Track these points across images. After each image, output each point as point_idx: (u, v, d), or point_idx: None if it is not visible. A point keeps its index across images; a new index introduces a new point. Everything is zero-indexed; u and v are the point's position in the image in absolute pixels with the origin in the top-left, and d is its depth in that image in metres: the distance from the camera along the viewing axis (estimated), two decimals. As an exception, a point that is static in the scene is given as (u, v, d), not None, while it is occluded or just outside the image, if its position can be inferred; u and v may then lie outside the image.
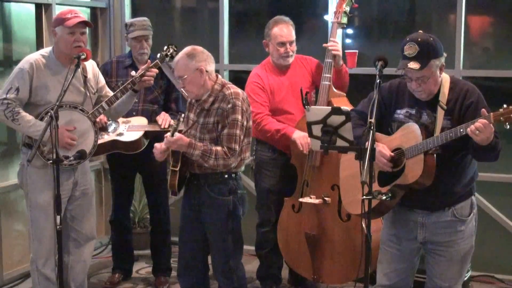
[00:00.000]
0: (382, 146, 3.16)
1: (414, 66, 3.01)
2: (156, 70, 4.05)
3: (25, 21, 5.12)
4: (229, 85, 3.66)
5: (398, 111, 3.25)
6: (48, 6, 5.04)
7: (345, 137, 3.00)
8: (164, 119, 4.50)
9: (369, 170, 2.83)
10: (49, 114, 3.40)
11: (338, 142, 3.01)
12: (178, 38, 5.83)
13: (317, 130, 3.06)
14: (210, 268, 3.88)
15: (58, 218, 3.35)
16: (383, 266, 3.39)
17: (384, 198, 3.06)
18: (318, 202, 4.21)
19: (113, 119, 4.40)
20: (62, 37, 3.75)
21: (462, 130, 2.93)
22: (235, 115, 3.54)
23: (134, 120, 4.53)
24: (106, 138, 4.43)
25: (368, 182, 2.83)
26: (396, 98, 3.27)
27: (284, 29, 4.30)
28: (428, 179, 3.07)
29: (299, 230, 4.34)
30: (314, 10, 5.35)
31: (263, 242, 4.53)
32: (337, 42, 4.30)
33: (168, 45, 4.20)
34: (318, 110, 3.08)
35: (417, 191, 3.13)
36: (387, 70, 3.17)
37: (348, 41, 5.19)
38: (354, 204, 3.29)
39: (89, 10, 5.61)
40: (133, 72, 4.13)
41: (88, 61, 3.84)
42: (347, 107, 3.03)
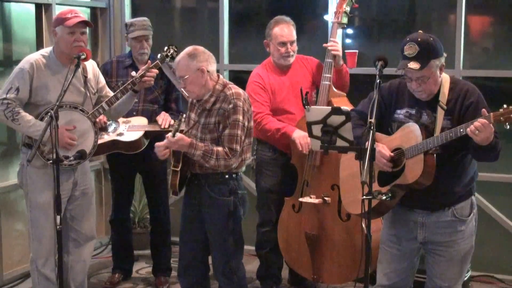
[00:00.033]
0: (382, 146, 3.16)
1: (414, 66, 3.01)
2: (156, 71, 4.05)
3: (25, 21, 5.12)
4: (230, 85, 3.65)
5: (398, 111, 3.25)
6: (48, 6, 5.04)
7: (345, 137, 3.00)
8: (164, 119, 4.50)
9: (369, 170, 2.83)
10: (49, 114, 3.40)
11: (338, 142, 3.01)
12: (178, 38, 5.83)
13: (317, 130, 3.05)
14: (211, 268, 3.88)
15: (58, 218, 3.35)
16: (383, 266, 3.39)
17: (384, 198, 3.06)
18: (318, 202, 4.21)
19: (113, 119, 4.39)
20: (62, 37, 3.75)
21: (462, 130, 2.93)
22: (236, 116, 3.54)
23: (134, 120, 4.53)
24: (106, 138, 4.43)
25: (368, 182, 2.83)
26: (396, 98, 3.27)
27: (285, 29, 4.30)
28: (428, 179, 3.07)
29: (299, 230, 4.34)
30: (314, 10, 5.34)
31: (263, 242, 4.53)
32: (337, 42, 4.30)
33: (168, 45, 4.20)
34: (318, 110, 3.07)
35: (417, 191, 3.13)
36: (387, 70, 3.18)
37: (348, 41, 5.19)
38: (354, 204, 3.29)
39: (89, 10, 5.60)
40: (133, 72, 4.13)
41: (88, 61, 3.84)
42: (347, 107, 3.03)
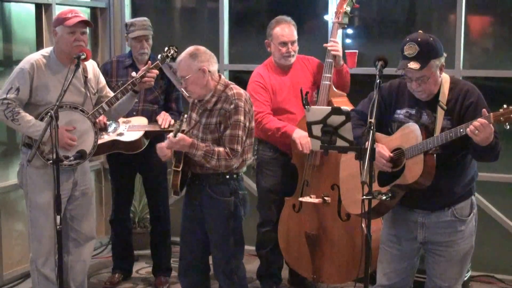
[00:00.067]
0: (381, 146, 3.16)
1: (414, 66, 3.01)
2: (156, 71, 4.05)
3: (25, 21, 5.12)
4: (232, 85, 3.64)
5: (398, 111, 3.25)
6: (48, 6, 5.04)
7: (345, 137, 2.99)
8: (164, 119, 4.50)
9: (369, 170, 2.83)
10: (49, 114, 3.40)
11: (338, 142, 3.01)
12: (178, 38, 5.83)
13: (317, 130, 3.05)
14: (211, 268, 3.88)
15: (58, 218, 3.35)
16: (383, 266, 3.39)
17: (384, 198, 3.05)
18: (317, 201, 4.21)
19: (113, 120, 4.40)
20: (63, 36, 3.75)
21: (462, 130, 2.93)
22: (238, 116, 3.53)
23: (134, 120, 4.53)
24: (106, 138, 4.43)
25: (368, 182, 2.83)
26: (396, 98, 3.27)
27: (286, 29, 4.30)
28: (428, 179, 3.07)
29: (300, 230, 4.34)
30: (314, 10, 5.34)
31: (264, 241, 4.53)
32: (337, 42, 4.30)
33: (169, 46, 4.20)
34: (318, 110, 3.07)
35: (417, 191, 3.13)
36: (387, 70, 3.18)
37: (348, 41, 5.18)
38: (354, 204, 3.29)
39: (89, 10, 5.60)
40: (133, 73, 4.13)
41: (88, 61, 3.84)
42: (347, 107, 3.02)
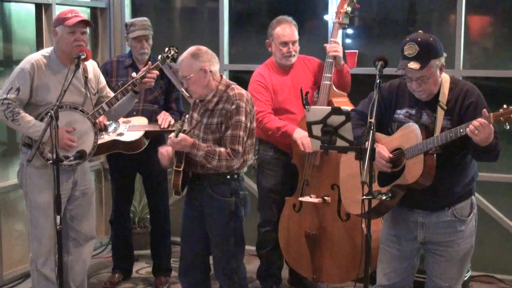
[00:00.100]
0: (381, 147, 3.16)
1: (414, 66, 3.01)
2: (157, 72, 4.05)
3: (25, 21, 5.12)
4: (233, 85, 3.64)
5: (398, 111, 3.25)
6: (48, 6, 5.04)
7: (345, 137, 2.99)
8: (164, 119, 4.50)
9: (369, 170, 2.83)
10: (49, 114, 3.40)
11: (338, 142, 3.01)
12: (178, 38, 5.83)
13: (317, 130, 3.05)
14: (212, 268, 3.88)
15: (58, 218, 3.35)
16: (383, 266, 3.39)
17: (384, 198, 3.06)
18: (317, 201, 4.21)
19: (113, 120, 4.40)
20: (63, 36, 3.75)
21: (462, 130, 2.93)
22: (239, 117, 3.53)
23: (134, 120, 4.53)
24: (107, 138, 4.43)
25: (368, 182, 2.83)
26: (396, 98, 3.27)
27: (286, 29, 4.31)
28: (428, 179, 3.07)
29: (300, 230, 4.34)
30: (314, 10, 5.34)
31: (264, 241, 4.53)
32: (338, 43, 4.30)
33: (169, 46, 4.21)
34: (318, 110, 3.07)
35: (417, 191, 3.13)
36: (387, 70, 3.18)
37: (348, 41, 5.18)
38: (354, 204, 3.29)
39: (89, 10, 5.60)
40: (134, 73, 4.13)
41: (88, 61, 3.84)
42: (347, 107, 3.02)
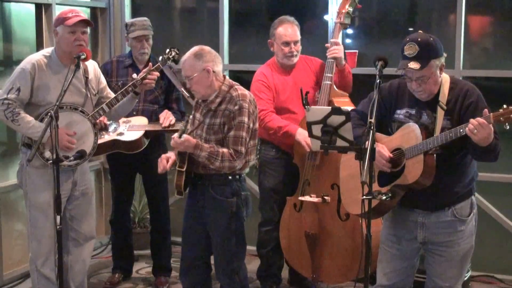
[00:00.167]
0: (381, 146, 3.16)
1: (414, 66, 3.01)
2: (157, 73, 4.05)
3: (25, 21, 5.12)
4: (236, 86, 3.63)
5: (398, 111, 3.25)
6: (48, 6, 5.04)
7: (345, 137, 3.00)
8: (165, 117, 4.50)
9: (369, 170, 2.83)
10: (49, 114, 3.40)
11: (338, 142, 3.01)
12: (178, 38, 5.83)
13: (317, 130, 3.05)
14: (213, 268, 3.88)
15: (58, 218, 3.35)
16: (383, 266, 3.39)
17: (384, 198, 3.06)
18: (317, 200, 4.22)
19: (113, 121, 4.40)
20: (63, 36, 3.75)
21: (462, 130, 2.93)
22: (242, 117, 3.53)
23: (134, 119, 4.53)
24: (107, 137, 4.43)
25: (368, 182, 2.83)
26: (396, 98, 3.27)
27: (288, 29, 4.31)
28: (428, 179, 3.07)
29: (300, 229, 4.34)
30: (314, 10, 5.34)
31: (265, 241, 4.53)
32: (339, 43, 4.31)
33: (170, 48, 4.21)
34: (318, 110, 3.07)
35: (417, 191, 3.13)
36: (387, 70, 3.18)
37: (348, 41, 5.18)
38: (354, 204, 3.29)
39: (89, 10, 5.60)
40: (134, 74, 4.13)
41: (88, 61, 3.85)
42: (347, 107, 3.02)
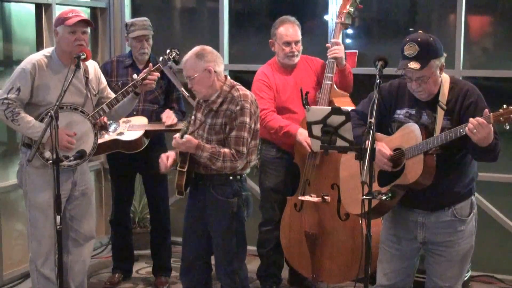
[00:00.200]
0: (381, 144, 3.15)
1: (414, 66, 3.01)
2: (158, 74, 4.05)
3: (25, 21, 5.12)
4: (238, 86, 3.63)
5: (398, 111, 3.25)
6: (48, 6, 5.04)
7: (345, 137, 3.00)
8: (168, 116, 4.51)
9: (369, 170, 2.83)
10: (49, 114, 3.40)
11: (338, 142, 3.01)
12: (178, 38, 5.83)
13: (317, 130, 3.06)
14: (213, 268, 3.88)
15: (58, 218, 3.35)
16: (383, 266, 3.39)
17: (384, 198, 3.06)
18: (317, 200, 4.22)
19: (113, 121, 4.40)
20: (64, 36, 3.75)
21: (462, 130, 2.93)
22: (244, 118, 3.53)
23: (134, 119, 4.54)
24: (107, 137, 4.43)
25: (368, 182, 2.83)
26: (396, 98, 3.27)
27: (290, 29, 4.32)
28: (427, 179, 3.07)
29: (300, 229, 4.34)
30: (314, 10, 5.34)
31: (265, 240, 4.54)
32: (339, 44, 4.31)
33: (170, 48, 4.21)
34: (318, 110, 3.08)
35: (417, 191, 3.13)
36: (387, 70, 3.18)
37: (348, 41, 5.18)
38: (354, 204, 3.29)
39: (89, 10, 5.60)
40: (135, 75, 4.13)
41: (88, 61, 3.85)
42: (347, 107, 3.02)
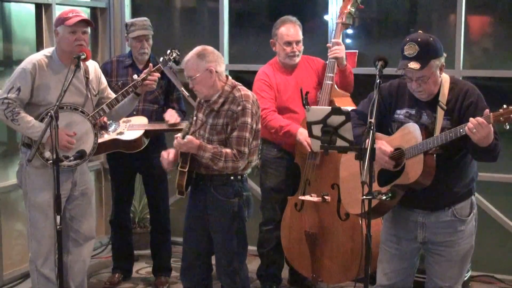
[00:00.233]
0: (381, 142, 3.15)
1: (414, 66, 3.01)
2: (158, 74, 4.05)
3: (25, 21, 5.12)
4: (239, 86, 3.63)
5: (398, 111, 3.25)
6: (48, 6, 5.03)
7: (345, 137, 3.00)
8: (171, 115, 4.53)
9: (369, 170, 2.83)
10: (49, 114, 3.40)
11: (338, 142, 3.01)
12: (178, 38, 5.83)
13: (317, 130, 3.06)
14: (213, 268, 3.88)
15: (58, 218, 3.35)
16: (383, 266, 3.39)
17: (384, 198, 3.06)
18: (317, 200, 4.22)
19: (114, 121, 4.40)
20: (64, 36, 3.75)
21: (462, 130, 2.93)
22: (245, 118, 3.53)
23: (134, 119, 4.54)
24: (107, 137, 4.43)
25: (368, 182, 2.83)
26: (396, 98, 3.27)
27: (291, 29, 4.32)
28: (427, 179, 3.07)
29: (300, 229, 4.34)
30: (314, 10, 5.34)
31: (265, 240, 4.54)
32: (340, 44, 4.31)
33: (171, 49, 4.22)
34: (318, 110, 3.08)
35: (417, 191, 3.13)
36: (387, 70, 3.18)
37: (348, 41, 5.18)
38: (354, 204, 3.29)
39: (89, 10, 5.60)
40: (135, 75, 4.13)
41: (88, 61, 3.85)
42: (348, 107, 3.02)
